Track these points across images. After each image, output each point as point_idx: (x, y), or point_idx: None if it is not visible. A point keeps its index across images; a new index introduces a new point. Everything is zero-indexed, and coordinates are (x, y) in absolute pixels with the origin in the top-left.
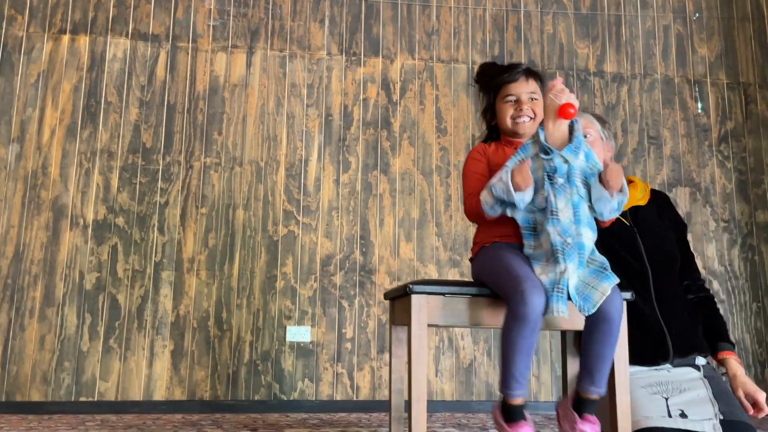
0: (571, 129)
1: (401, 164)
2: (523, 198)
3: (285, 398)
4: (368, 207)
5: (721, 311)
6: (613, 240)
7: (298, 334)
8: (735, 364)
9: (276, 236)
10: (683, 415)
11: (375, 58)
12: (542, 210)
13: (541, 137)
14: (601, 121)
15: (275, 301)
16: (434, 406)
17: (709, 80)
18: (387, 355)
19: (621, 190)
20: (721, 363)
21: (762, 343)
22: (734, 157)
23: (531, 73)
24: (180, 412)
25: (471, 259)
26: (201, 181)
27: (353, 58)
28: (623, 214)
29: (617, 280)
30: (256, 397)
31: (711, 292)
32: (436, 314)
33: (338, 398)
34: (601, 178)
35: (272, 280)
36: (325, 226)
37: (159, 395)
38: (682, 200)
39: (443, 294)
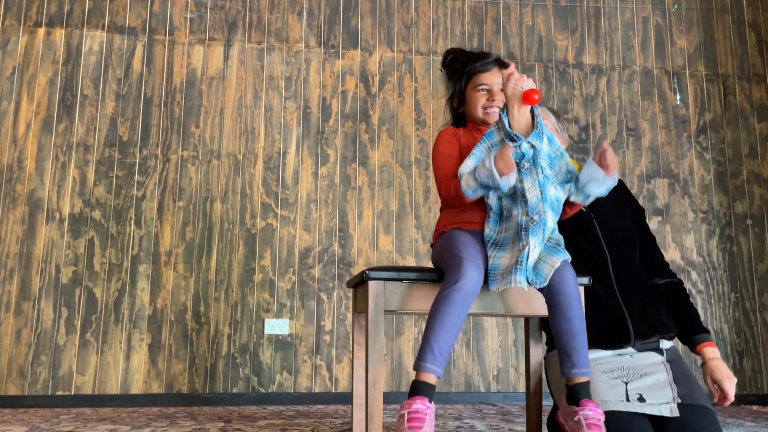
0: (532, 114)
1: (380, 157)
2: (508, 182)
3: (263, 391)
4: (347, 199)
5: (699, 302)
6: (571, 227)
7: (277, 326)
8: (708, 351)
9: (254, 229)
10: (641, 399)
11: (353, 51)
12: (509, 195)
13: (506, 125)
14: (556, 114)
15: (253, 294)
16: None
17: (687, 72)
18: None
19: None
20: (699, 354)
21: (740, 333)
22: (713, 149)
23: (502, 64)
24: (157, 406)
25: (432, 245)
26: (178, 174)
27: (331, 51)
28: None
29: (569, 257)
30: (234, 390)
31: (677, 277)
32: (394, 300)
33: (317, 390)
34: (598, 161)
35: (250, 273)
36: (303, 219)
37: (136, 389)
38: (660, 191)
39: (400, 280)
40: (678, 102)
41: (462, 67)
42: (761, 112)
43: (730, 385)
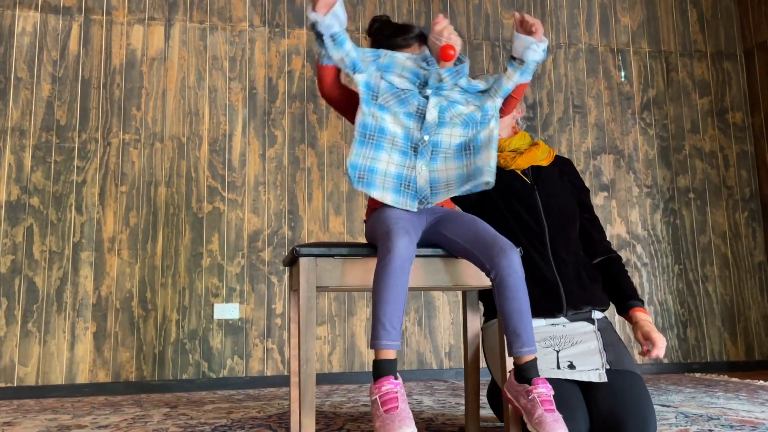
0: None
1: (329, 137)
2: (318, 19)
3: (214, 376)
4: (296, 181)
5: (645, 274)
6: (513, 197)
7: (226, 311)
8: (639, 315)
9: (201, 213)
10: (571, 366)
11: (299, 30)
12: (397, 89)
13: (427, 52)
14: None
15: (201, 278)
16: (365, 377)
17: (631, 49)
18: (318, 329)
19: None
20: (631, 318)
21: (684, 303)
22: (656, 124)
23: (424, 38)
24: (104, 394)
25: (365, 221)
26: (120, 159)
27: (277, 30)
28: (524, 173)
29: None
30: (184, 376)
31: (616, 252)
32: (326, 276)
33: (269, 374)
34: (522, 30)
35: (198, 257)
36: (251, 202)
37: (82, 378)
38: (606, 167)
39: (332, 256)
40: (622, 79)
41: (384, 39)
42: (702, 88)
43: (659, 336)
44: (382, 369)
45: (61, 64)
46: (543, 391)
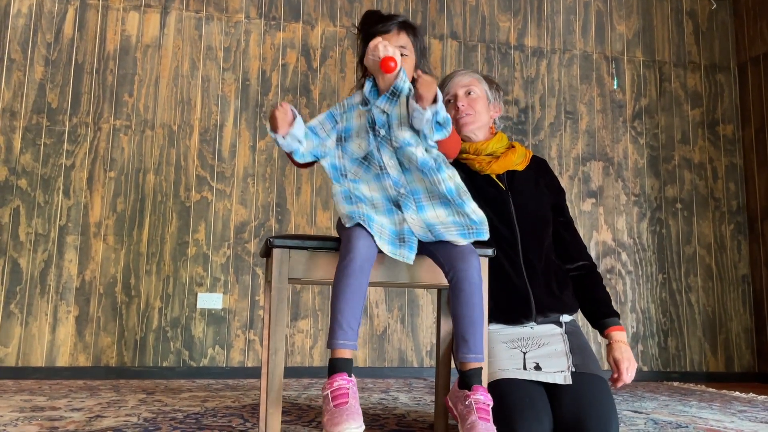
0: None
1: None
2: (279, 141)
3: (195, 365)
4: (285, 174)
5: (628, 282)
6: (485, 203)
7: (210, 300)
8: (616, 335)
9: (188, 202)
10: (538, 367)
11: (295, 24)
12: (359, 159)
13: (366, 87)
14: (491, 82)
15: (186, 267)
16: None
17: (625, 57)
18: (301, 323)
19: (435, 102)
20: (607, 337)
21: (666, 312)
22: (647, 134)
23: (405, 26)
24: (84, 378)
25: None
26: (110, 144)
27: (272, 23)
28: (499, 178)
29: (471, 239)
30: (165, 364)
31: (592, 260)
32: (299, 268)
33: (249, 365)
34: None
35: (183, 246)
36: (240, 193)
37: (62, 361)
38: (595, 174)
39: (306, 248)
40: (615, 87)
41: (369, 29)
42: (695, 99)
43: (627, 366)
44: (336, 366)
45: (55, 47)
46: (480, 398)
